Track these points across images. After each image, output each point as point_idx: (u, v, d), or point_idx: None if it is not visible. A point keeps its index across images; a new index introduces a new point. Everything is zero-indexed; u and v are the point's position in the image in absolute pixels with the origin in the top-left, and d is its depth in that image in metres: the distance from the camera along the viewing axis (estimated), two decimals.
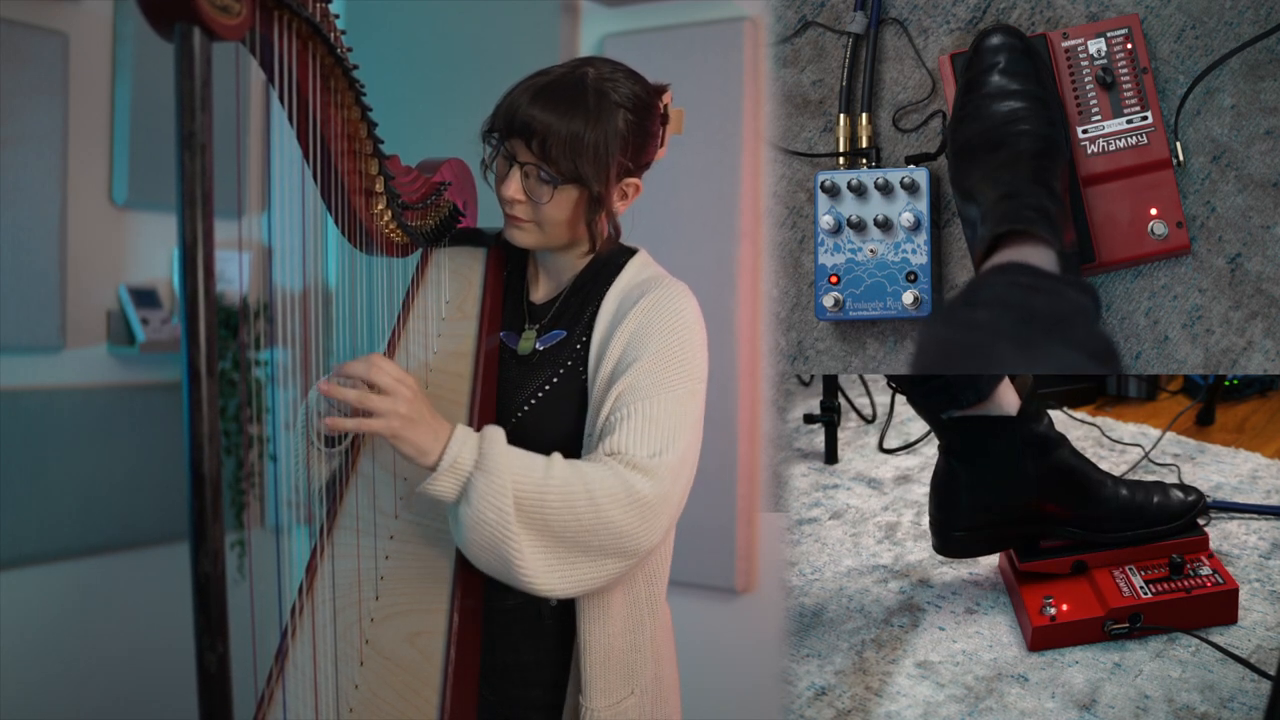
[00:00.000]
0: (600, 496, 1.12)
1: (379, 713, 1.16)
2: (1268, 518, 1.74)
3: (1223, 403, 2.15)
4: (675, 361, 1.22)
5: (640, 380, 1.20)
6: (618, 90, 1.23)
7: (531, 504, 1.11)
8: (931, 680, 1.49)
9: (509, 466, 1.11)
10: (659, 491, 1.15)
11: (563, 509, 1.11)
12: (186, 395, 0.86)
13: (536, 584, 1.12)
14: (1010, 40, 1.38)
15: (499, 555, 1.11)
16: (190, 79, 0.84)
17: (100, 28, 2.67)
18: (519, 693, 1.28)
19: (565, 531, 1.12)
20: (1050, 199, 1.28)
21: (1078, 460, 1.56)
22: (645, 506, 1.14)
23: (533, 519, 1.11)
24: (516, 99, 1.22)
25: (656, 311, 1.24)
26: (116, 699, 2.68)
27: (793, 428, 2.14)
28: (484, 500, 1.09)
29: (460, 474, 1.11)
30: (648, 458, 1.15)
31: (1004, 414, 1.53)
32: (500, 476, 1.10)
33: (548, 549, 1.12)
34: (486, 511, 1.09)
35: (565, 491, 1.12)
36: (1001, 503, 1.56)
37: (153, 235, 2.79)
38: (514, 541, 1.10)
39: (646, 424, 1.17)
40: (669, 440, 1.17)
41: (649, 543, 1.17)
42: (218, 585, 0.87)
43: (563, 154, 1.20)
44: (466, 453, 1.11)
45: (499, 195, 1.27)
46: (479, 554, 1.12)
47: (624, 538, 1.14)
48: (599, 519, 1.12)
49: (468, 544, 1.12)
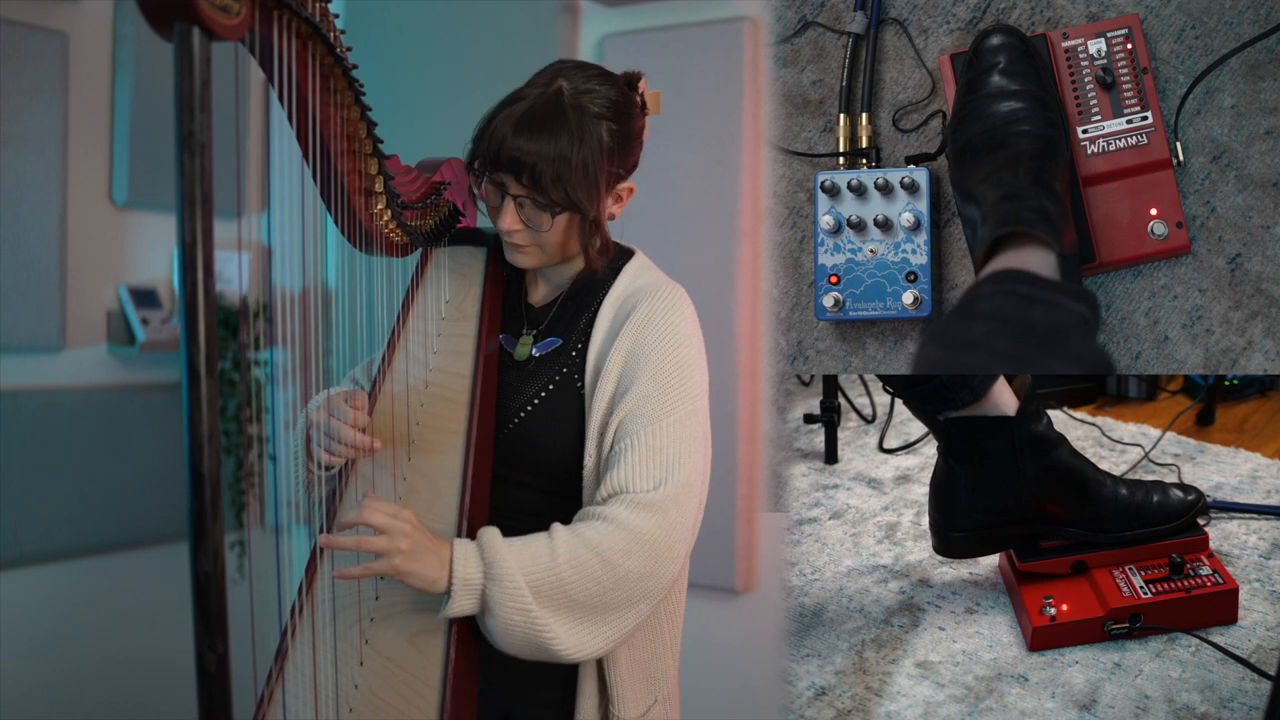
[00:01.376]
0: (610, 554, 1.14)
1: (379, 713, 1.16)
2: (1268, 518, 1.74)
3: (1223, 403, 2.15)
4: (674, 381, 1.23)
5: (640, 407, 1.21)
6: (596, 102, 1.22)
7: (549, 588, 1.12)
8: (931, 680, 1.49)
9: (517, 566, 1.12)
10: (665, 525, 1.17)
11: (580, 580, 1.13)
12: (186, 395, 0.86)
13: (580, 655, 1.15)
14: (1010, 40, 1.37)
15: (536, 646, 1.14)
16: (189, 79, 0.84)
17: (100, 28, 2.67)
18: (519, 691, 1.28)
19: (589, 599, 1.14)
20: (1050, 200, 1.28)
21: (1077, 460, 1.56)
22: (655, 545, 1.16)
23: (556, 600, 1.13)
24: (498, 131, 1.20)
25: (652, 327, 1.24)
26: (116, 699, 2.68)
27: (793, 428, 2.14)
28: (504, 607, 1.11)
29: (474, 590, 1.12)
30: (649, 491, 1.17)
31: (1002, 414, 1.53)
32: (512, 579, 1.11)
33: (579, 621, 1.14)
34: (511, 615, 1.12)
35: (576, 563, 1.13)
36: (1001, 503, 1.56)
37: (153, 235, 2.79)
38: (545, 630, 1.12)
39: (648, 454, 1.19)
40: (671, 468, 1.19)
41: (670, 576, 1.19)
42: (217, 585, 0.87)
43: (553, 182, 1.19)
44: (472, 568, 1.12)
45: (496, 227, 1.26)
46: (517, 651, 1.15)
47: (645, 580, 1.16)
48: (616, 576, 1.14)
49: (503, 647, 1.15)
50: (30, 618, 2.52)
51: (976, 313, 1.20)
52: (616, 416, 1.21)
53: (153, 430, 2.76)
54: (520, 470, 1.27)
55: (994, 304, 1.20)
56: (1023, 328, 1.17)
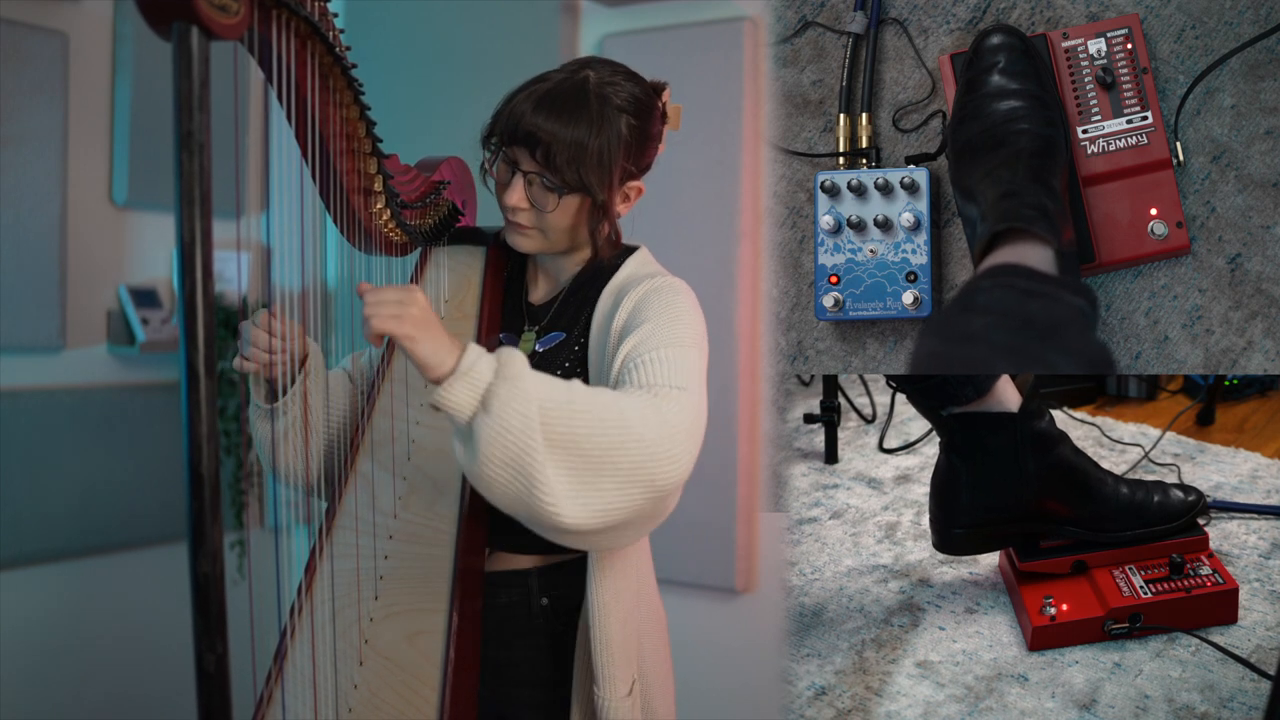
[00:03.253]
0: (630, 414, 1.05)
1: (378, 713, 1.16)
2: (1268, 518, 1.74)
3: (1223, 403, 2.15)
4: (680, 323, 1.19)
5: (647, 338, 1.17)
6: (619, 94, 1.23)
7: (558, 418, 1.01)
8: (931, 680, 1.49)
9: (533, 376, 1.02)
10: (687, 420, 1.09)
11: (592, 424, 1.02)
12: (185, 395, 0.86)
13: (560, 511, 1.02)
14: (1010, 40, 1.38)
15: (520, 473, 1.00)
16: (188, 78, 0.84)
17: (100, 28, 2.67)
18: (512, 690, 1.28)
19: (595, 450, 1.02)
20: (1049, 197, 1.28)
21: (1079, 458, 1.56)
22: (675, 429, 1.07)
23: (561, 436, 1.01)
24: (518, 106, 1.21)
25: (654, 293, 1.23)
26: (116, 699, 2.68)
27: (793, 428, 2.14)
28: (508, 407, 0.99)
29: (478, 383, 1.01)
30: (673, 388, 1.11)
31: (1005, 410, 1.53)
32: (525, 382, 1.01)
33: (574, 472, 1.02)
34: (511, 418, 0.99)
35: (593, 405, 1.03)
36: (1002, 500, 1.56)
37: (153, 235, 2.79)
38: (538, 458, 0.99)
39: (664, 364, 1.14)
40: (687, 380, 1.13)
41: (675, 473, 1.08)
42: (217, 585, 0.87)
43: (566, 163, 1.19)
44: (484, 364, 1.02)
45: (501, 202, 1.26)
46: (497, 473, 1.01)
47: (654, 460, 1.05)
48: (629, 435, 1.04)
49: (484, 462, 1.00)
50: (30, 618, 2.52)
51: (975, 306, 1.20)
52: (622, 351, 1.17)
53: (153, 430, 2.76)
54: None
55: (992, 297, 1.19)
56: (1021, 320, 1.16)
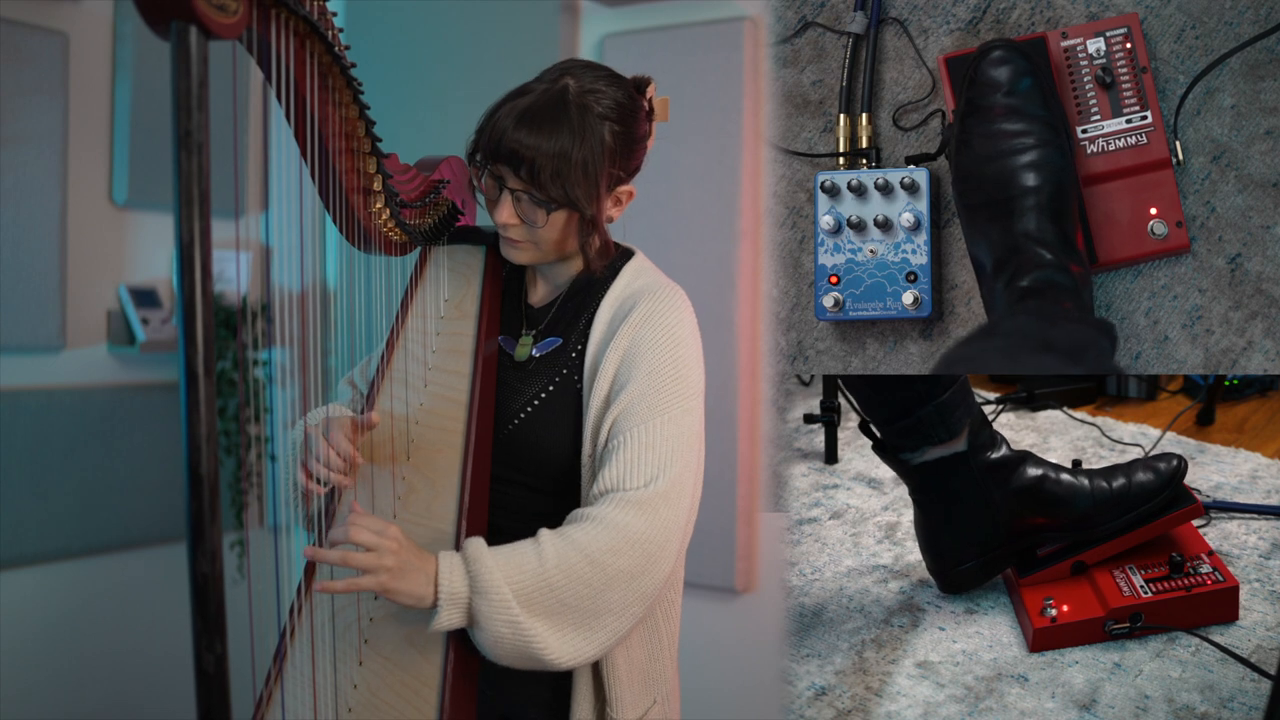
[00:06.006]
0: (599, 555, 1.12)
1: (378, 713, 1.16)
2: (1268, 518, 1.74)
3: (1223, 403, 2.15)
4: (669, 380, 1.22)
5: (634, 405, 1.20)
6: (600, 102, 1.22)
7: (538, 595, 1.11)
8: (931, 680, 1.49)
9: (503, 576, 1.11)
10: (656, 523, 1.15)
11: (569, 583, 1.11)
12: (184, 396, 0.86)
13: (572, 662, 1.14)
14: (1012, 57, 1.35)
15: (527, 656, 1.12)
16: (187, 78, 0.84)
17: (100, 28, 2.67)
18: (517, 691, 1.28)
19: (580, 603, 1.12)
20: (1064, 251, 1.29)
21: (1041, 471, 1.57)
22: (646, 543, 1.15)
23: (545, 607, 1.11)
24: (500, 123, 1.20)
25: (649, 327, 1.24)
26: (116, 699, 2.68)
27: (793, 428, 2.14)
28: (491, 620, 1.10)
29: (460, 605, 1.11)
30: (641, 488, 1.16)
31: (956, 451, 1.55)
32: (498, 591, 1.10)
33: (570, 627, 1.13)
34: (498, 628, 1.10)
35: (564, 567, 1.12)
36: (981, 534, 1.59)
37: (153, 235, 2.79)
38: (535, 639, 1.11)
39: (641, 451, 1.18)
40: (663, 465, 1.18)
41: (662, 575, 1.17)
42: (216, 585, 0.87)
43: (551, 179, 1.18)
44: (458, 583, 1.11)
45: (493, 219, 1.26)
46: (509, 662, 1.13)
47: (636, 580, 1.14)
48: (606, 576, 1.12)
49: (495, 658, 1.13)
50: (30, 618, 2.52)
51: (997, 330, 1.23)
52: (611, 414, 1.21)
53: (152, 430, 2.76)
54: (521, 471, 1.27)
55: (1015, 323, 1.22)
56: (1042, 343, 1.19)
